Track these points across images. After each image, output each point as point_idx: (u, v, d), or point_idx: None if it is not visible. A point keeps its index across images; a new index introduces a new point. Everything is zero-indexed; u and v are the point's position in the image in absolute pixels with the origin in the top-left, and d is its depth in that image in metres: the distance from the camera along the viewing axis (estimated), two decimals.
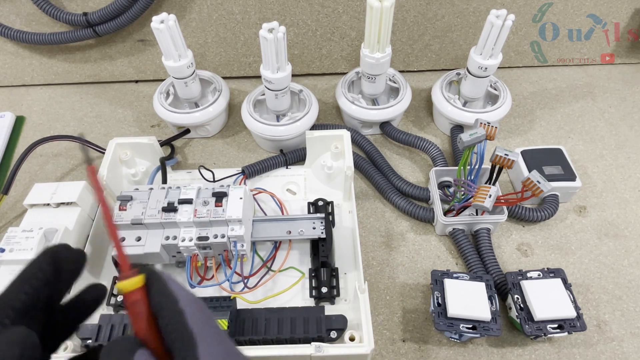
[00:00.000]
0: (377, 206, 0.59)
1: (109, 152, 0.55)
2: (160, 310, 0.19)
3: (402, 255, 0.54)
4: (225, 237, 0.46)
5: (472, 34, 0.71)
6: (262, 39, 0.51)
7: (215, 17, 0.69)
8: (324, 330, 0.42)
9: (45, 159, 0.65)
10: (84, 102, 0.74)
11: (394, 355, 0.46)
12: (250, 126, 0.61)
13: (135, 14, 0.65)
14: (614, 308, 0.49)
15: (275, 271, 0.50)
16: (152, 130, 0.69)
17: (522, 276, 0.47)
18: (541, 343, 0.47)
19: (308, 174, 0.60)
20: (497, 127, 0.47)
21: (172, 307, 0.19)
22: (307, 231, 0.50)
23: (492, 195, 0.46)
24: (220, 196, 0.48)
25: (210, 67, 0.74)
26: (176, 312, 0.18)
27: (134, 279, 0.20)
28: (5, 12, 0.68)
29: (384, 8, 0.52)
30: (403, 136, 0.63)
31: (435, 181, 0.55)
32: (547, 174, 0.55)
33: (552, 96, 0.73)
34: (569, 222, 0.56)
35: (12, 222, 0.58)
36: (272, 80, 0.56)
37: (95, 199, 0.55)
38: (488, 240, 0.52)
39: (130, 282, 0.19)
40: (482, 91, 0.63)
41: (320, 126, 0.66)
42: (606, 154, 0.64)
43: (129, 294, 0.19)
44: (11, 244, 0.47)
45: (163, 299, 0.19)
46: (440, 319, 0.44)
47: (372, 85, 0.62)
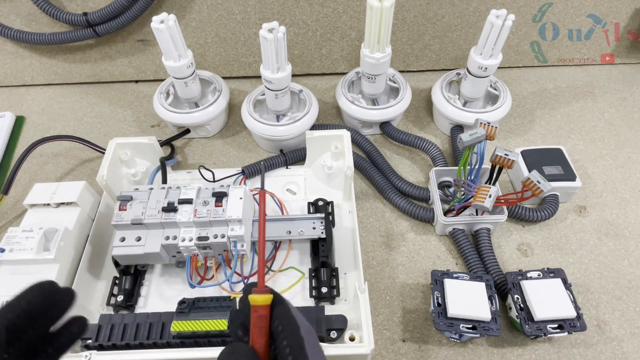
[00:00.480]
0: (377, 206, 0.59)
1: (109, 152, 0.55)
2: (282, 332, 0.20)
3: (402, 255, 0.54)
4: (225, 237, 0.46)
5: (472, 34, 0.71)
6: (262, 39, 0.51)
7: (215, 17, 0.69)
8: (324, 330, 0.42)
9: (45, 159, 0.65)
10: (84, 102, 0.74)
11: (394, 355, 0.46)
12: (250, 126, 0.61)
13: (135, 14, 0.65)
14: (614, 308, 0.49)
15: (275, 271, 0.50)
16: (152, 130, 0.69)
17: (522, 276, 0.47)
18: (541, 343, 0.47)
19: (308, 174, 0.60)
20: (497, 127, 0.47)
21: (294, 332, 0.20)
22: (307, 231, 0.50)
23: (492, 195, 0.46)
24: (220, 196, 0.48)
25: (210, 67, 0.74)
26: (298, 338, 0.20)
27: (266, 295, 0.21)
28: (5, 12, 0.68)
29: (384, 8, 0.52)
30: (403, 136, 0.63)
31: (435, 181, 0.55)
32: (547, 174, 0.55)
33: (552, 96, 0.73)
34: (569, 222, 0.56)
35: (12, 222, 0.58)
36: (272, 80, 0.56)
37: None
38: (488, 240, 0.52)
39: (263, 298, 0.21)
40: (482, 91, 0.63)
41: (320, 126, 0.66)
42: (606, 154, 0.64)
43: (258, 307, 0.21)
44: (11, 244, 0.47)
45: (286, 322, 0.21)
46: (440, 319, 0.44)
47: (372, 85, 0.62)
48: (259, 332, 0.21)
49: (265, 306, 0.21)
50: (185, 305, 0.43)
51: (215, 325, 0.41)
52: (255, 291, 0.21)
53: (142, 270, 0.50)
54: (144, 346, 0.42)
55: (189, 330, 0.41)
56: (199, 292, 0.48)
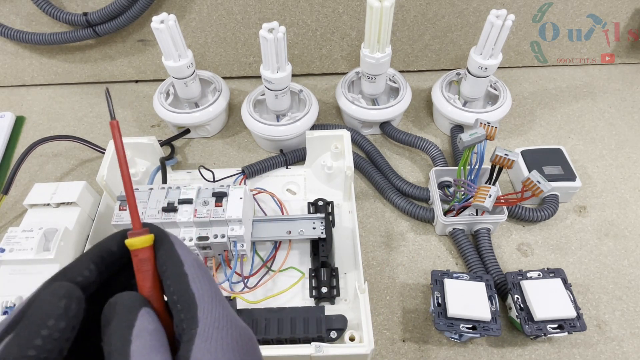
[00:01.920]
0: (377, 206, 0.59)
1: (109, 152, 0.55)
2: (165, 272, 0.19)
3: (402, 255, 0.54)
4: (225, 237, 0.46)
5: (472, 34, 0.71)
6: (262, 39, 0.51)
7: (215, 17, 0.69)
8: (324, 330, 0.42)
9: (45, 159, 0.65)
10: (84, 102, 0.74)
11: (394, 355, 0.46)
12: (250, 126, 0.61)
13: (135, 14, 0.65)
14: (614, 308, 0.49)
15: (275, 271, 0.50)
16: (152, 130, 0.69)
17: (522, 276, 0.47)
18: (541, 343, 0.47)
19: (308, 174, 0.60)
20: (497, 127, 0.47)
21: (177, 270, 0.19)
22: (307, 231, 0.50)
23: (492, 195, 0.46)
24: (220, 196, 0.48)
25: (210, 67, 0.74)
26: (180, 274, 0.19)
27: (144, 237, 0.20)
28: (5, 12, 0.68)
29: (384, 8, 0.52)
30: (403, 136, 0.63)
31: (435, 181, 0.55)
32: (547, 174, 0.55)
33: (552, 96, 0.73)
34: (569, 222, 0.56)
35: (12, 222, 0.58)
36: (272, 80, 0.56)
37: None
38: (488, 240, 0.52)
39: (141, 240, 0.19)
40: (482, 91, 0.63)
41: (320, 126, 0.66)
42: (606, 154, 0.64)
43: (138, 251, 0.19)
44: (11, 244, 0.47)
45: (169, 260, 0.19)
46: (440, 319, 0.44)
47: (372, 85, 0.62)
48: (143, 276, 0.19)
49: (147, 248, 0.20)
50: None
51: None
52: (130, 234, 0.20)
53: None
54: None
55: None
56: None
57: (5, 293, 0.45)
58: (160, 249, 0.20)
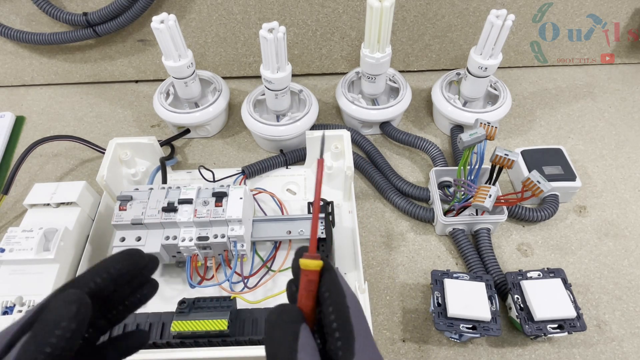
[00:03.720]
0: (377, 206, 0.59)
1: (109, 152, 0.55)
2: (328, 299, 0.21)
3: (402, 255, 0.54)
4: (225, 237, 0.46)
5: (472, 34, 0.71)
6: (262, 39, 0.51)
7: (215, 17, 0.69)
8: None
9: (45, 159, 0.65)
10: (84, 102, 0.74)
11: (394, 355, 0.46)
12: (250, 126, 0.61)
13: (135, 14, 0.65)
14: (614, 308, 0.49)
15: (275, 271, 0.50)
16: (152, 130, 0.69)
17: (522, 276, 0.47)
18: (541, 343, 0.47)
19: (308, 174, 0.60)
20: (497, 127, 0.47)
21: (340, 300, 0.21)
22: (307, 231, 0.50)
23: (492, 195, 0.46)
24: (220, 196, 0.48)
25: (210, 67, 0.74)
26: (343, 305, 0.21)
27: (317, 261, 0.22)
28: (5, 12, 0.68)
29: (384, 8, 0.52)
30: (403, 136, 0.63)
31: (435, 181, 0.55)
32: (547, 174, 0.55)
33: (552, 96, 0.73)
34: (569, 222, 0.56)
35: (12, 222, 0.58)
36: (272, 80, 0.56)
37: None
38: (488, 240, 0.52)
39: (314, 263, 0.22)
40: (482, 91, 0.63)
41: (320, 126, 0.66)
42: (606, 154, 0.64)
43: (309, 272, 0.22)
44: (11, 244, 0.47)
45: (334, 289, 0.21)
46: (440, 319, 0.44)
47: (372, 85, 0.62)
48: (307, 295, 0.22)
49: (315, 271, 0.22)
50: (185, 305, 0.43)
51: (215, 325, 0.41)
52: (306, 256, 0.22)
53: None
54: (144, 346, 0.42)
55: (189, 330, 0.41)
56: (199, 292, 0.48)
57: (5, 293, 0.45)
58: (325, 276, 0.22)
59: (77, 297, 0.20)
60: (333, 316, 0.21)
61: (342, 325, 0.20)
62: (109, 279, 0.22)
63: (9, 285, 0.45)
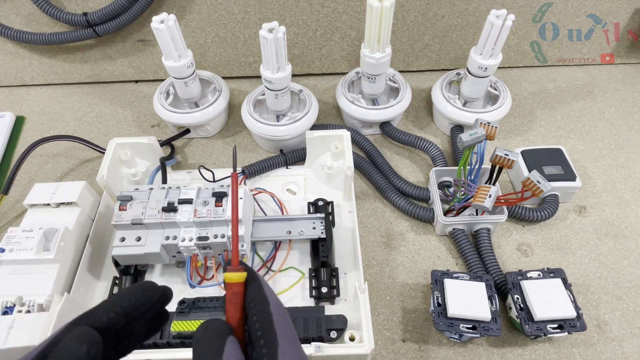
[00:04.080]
0: (377, 206, 0.59)
1: (109, 152, 0.55)
2: (253, 308, 0.22)
3: (402, 255, 0.54)
4: (225, 237, 0.46)
5: (472, 34, 0.71)
6: (262, 39, 0.51)
7: (215, 17, 0.69)
8: (324, 330, 0.42)
9: (45, 159, 0.65)
10: (84, 102, 0.74)
11: (394, 355, 0.46)
12: (250, 126, 0.61)
13: (135, 14, 0.65)
14: (614, 308, 0.49)
15: (275, 271, 0.50)
16: (152, 130, 0.69)
17: (522, 276, 0.47)
18: (541, 343, 0.47)
19: (308, 174, 0.60)
20: (497, 127, 0.47)
21: (264, 308, 0.21)
22: (307, 231, 0.50)
23: (492, 195, 0.46)
24: (220, 196, 0.48)
25: (210, 67, 0.74)
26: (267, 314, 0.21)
27: (240, 273, 0.22)
28: (5, 12, 0.68)
29: (384, 8, 0.52)
30: (403, 136, 0.63)
31: (435, 181, 0.55)
32: (547, 174, 0.55)
33: (552, 96, 0.73)
34: (569, 222, 0.56)
35: (12, 222, 0.58)
36: (272, 80, 0.56)
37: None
38: (488, 240, 0.52)
39: (237, 275, 0.22)
40: (482, 91, 0.63)
41: (320, 126, 0.66)
42: (606, 154, 0.64)
43: (233, 284, 0.22)
44: (11, 244, 0.46)
45: (258, 298, 0.22)
46: (440, 319, 0.44)
47: (372, 85, 0.62)
48: (233, 307, 0.22)
49: (239, 283, 0.22)
50: (185, 305, 0.43)
51: None
52: (229, 269, 0.22)
53: (142, 271, 0.50)
54: (144, 346, 0.42)
55: (189, 330, 0.41)
56: (199, 292, 0.48)
57: (5, 293, 0.45)
58: (249, 286, 0.22)
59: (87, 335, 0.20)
60: (257, 325, 0.21)
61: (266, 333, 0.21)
62: (122, 313, 0.22)
63: (9, 285, 0.45)
